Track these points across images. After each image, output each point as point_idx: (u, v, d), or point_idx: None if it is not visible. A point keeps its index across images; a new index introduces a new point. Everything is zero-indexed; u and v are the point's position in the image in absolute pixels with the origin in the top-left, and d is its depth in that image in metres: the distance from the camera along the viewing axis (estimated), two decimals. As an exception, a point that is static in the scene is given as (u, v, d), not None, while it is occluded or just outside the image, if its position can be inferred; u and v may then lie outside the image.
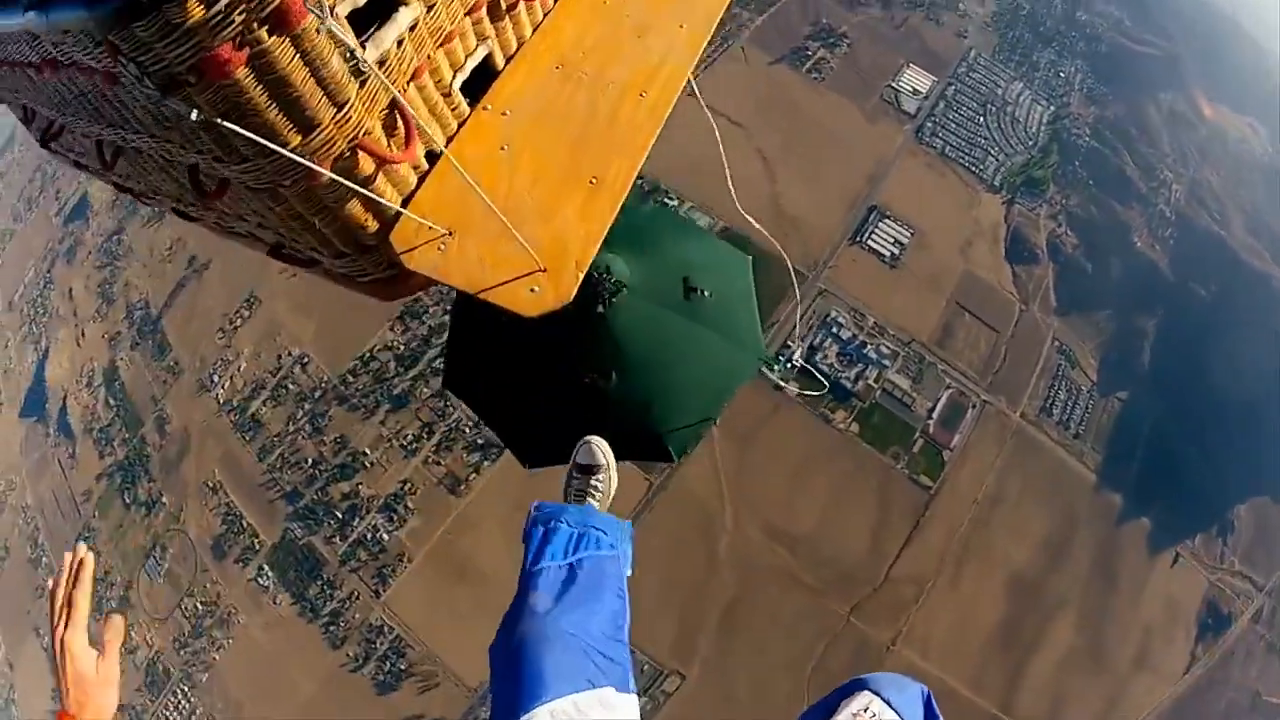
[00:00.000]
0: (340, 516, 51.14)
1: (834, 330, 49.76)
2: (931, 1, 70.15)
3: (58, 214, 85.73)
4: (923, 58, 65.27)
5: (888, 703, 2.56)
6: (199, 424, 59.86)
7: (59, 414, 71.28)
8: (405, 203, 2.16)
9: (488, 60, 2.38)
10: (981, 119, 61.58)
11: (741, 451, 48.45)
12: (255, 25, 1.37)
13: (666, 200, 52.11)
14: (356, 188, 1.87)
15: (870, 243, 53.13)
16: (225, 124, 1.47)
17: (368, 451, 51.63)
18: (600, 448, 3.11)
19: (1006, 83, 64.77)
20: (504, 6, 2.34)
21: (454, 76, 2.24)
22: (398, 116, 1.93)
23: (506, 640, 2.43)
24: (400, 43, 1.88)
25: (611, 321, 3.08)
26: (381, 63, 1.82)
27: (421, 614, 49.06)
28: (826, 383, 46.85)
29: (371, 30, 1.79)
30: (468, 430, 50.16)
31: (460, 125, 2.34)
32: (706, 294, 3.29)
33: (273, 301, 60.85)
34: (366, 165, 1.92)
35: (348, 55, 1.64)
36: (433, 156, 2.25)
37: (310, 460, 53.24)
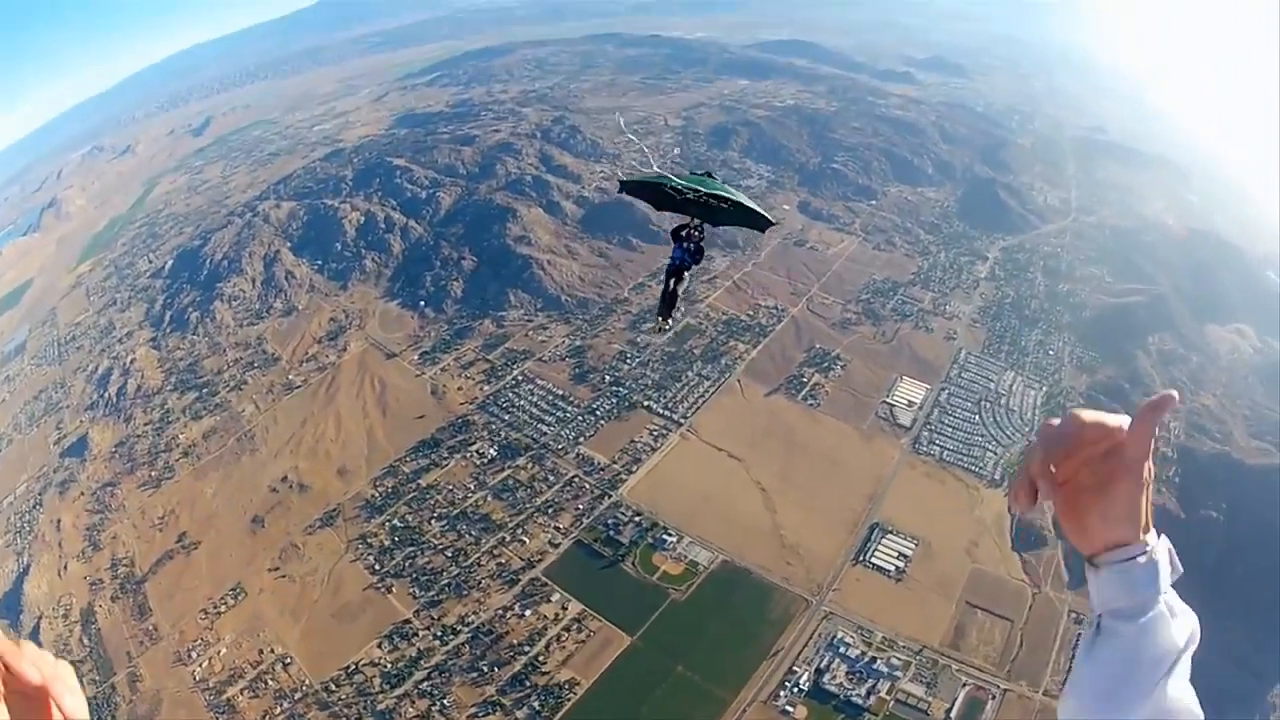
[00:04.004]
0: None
1: (841, 650, 50.31)
2: (920, 309, 74.20)
3: (56, 443, 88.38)
4: (915, 367, 68.50)
5: None
6: (172, 693, 57.96)
7: (33, 630, 68.85)
8: None
9: None
10: (977, 416, 63.87)
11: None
12: None
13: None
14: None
15: (874, 560, 53.86)
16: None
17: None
18: None
19: (998, 374, 67.47)
20: None
21: None
22: None
23: None
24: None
25: (720, 186, 10.43)
26: None
27: None
28: None
29: None
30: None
31: None
32: (747, 204, 10.65)
33: (259, 598, 60.89)
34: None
35: None
36: None
37: (286, 762, 49.76)
